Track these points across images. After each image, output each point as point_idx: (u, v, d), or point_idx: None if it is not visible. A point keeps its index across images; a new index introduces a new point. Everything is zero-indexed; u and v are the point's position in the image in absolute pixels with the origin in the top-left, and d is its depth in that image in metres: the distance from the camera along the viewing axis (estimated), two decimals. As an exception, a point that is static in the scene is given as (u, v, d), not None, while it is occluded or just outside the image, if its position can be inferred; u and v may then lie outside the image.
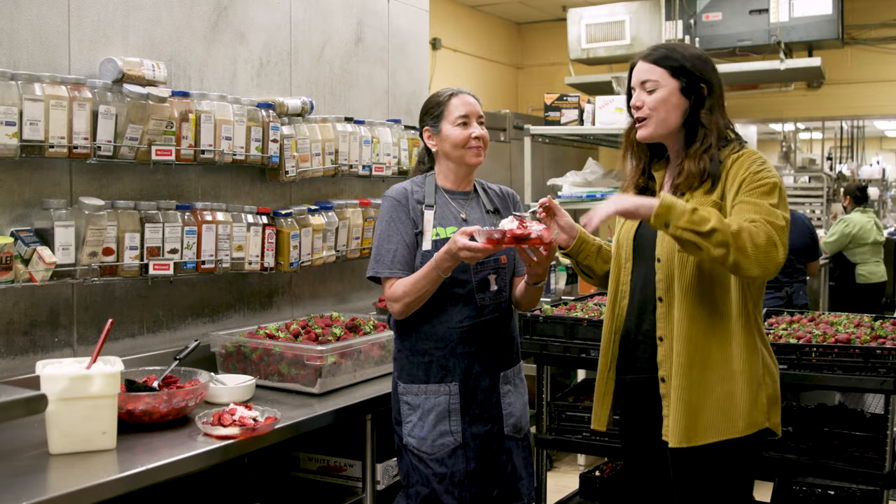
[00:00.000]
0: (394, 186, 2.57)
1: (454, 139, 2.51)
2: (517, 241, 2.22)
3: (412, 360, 2.50)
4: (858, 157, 12.71)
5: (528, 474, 2.61)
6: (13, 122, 2.32)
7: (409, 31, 4.02)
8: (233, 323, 3.12)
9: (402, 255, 2.46)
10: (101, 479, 1.89)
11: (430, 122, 2.56)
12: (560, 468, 5.12)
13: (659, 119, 2.23)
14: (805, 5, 6.76)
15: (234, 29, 3.11)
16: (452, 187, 2.58)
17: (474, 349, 2.48)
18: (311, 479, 2.83)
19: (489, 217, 2.57)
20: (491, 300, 2.51)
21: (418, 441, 2.46)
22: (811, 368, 2.80)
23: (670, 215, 2.00)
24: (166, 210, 2.75)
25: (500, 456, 2.52)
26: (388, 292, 2.46)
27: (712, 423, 2.14)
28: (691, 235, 1.99)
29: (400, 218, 2.49)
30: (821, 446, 2.85)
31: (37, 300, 2.52)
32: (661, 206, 2.00)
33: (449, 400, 2.46)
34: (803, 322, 3.20)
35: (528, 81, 9.41)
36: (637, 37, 7.05)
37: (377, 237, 2.51)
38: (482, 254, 2.27)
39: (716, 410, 2.14)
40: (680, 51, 2.26)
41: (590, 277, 2.53)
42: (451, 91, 2.56)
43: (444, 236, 2.48)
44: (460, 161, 2.54)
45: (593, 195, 4.88)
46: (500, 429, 2.52)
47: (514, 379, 2.59)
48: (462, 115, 2.51)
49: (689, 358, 2.15)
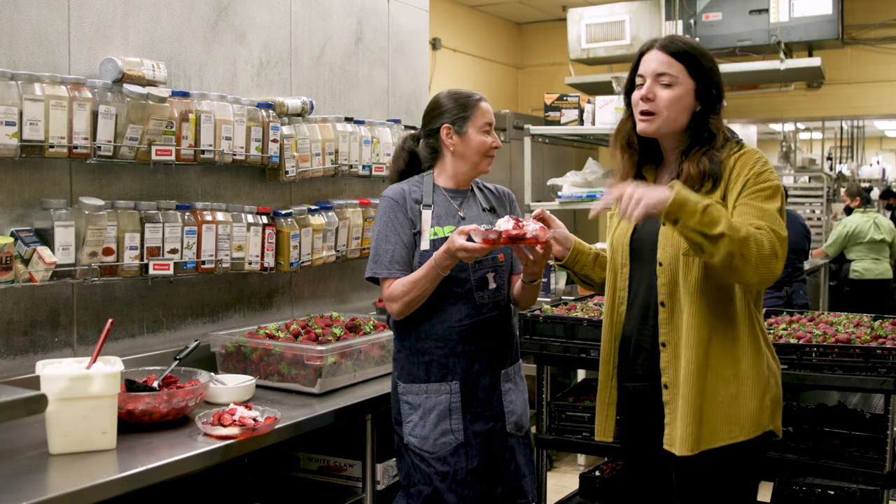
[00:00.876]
0: (391, 186, 2.58)
1: (478, 146, 2.56)
2: (513, 240, 2.23)
3: (412, 359, 2.50)
4: (858, 157, 12.71)
5: (531, 472, 2.62)
6: (13, 122, 2.32)
7: (409, 31, 4.02)
8: (233, 323, 3.12)
9: (401, 255, 2.46)
10: (101, 479, 1.89)
11: (454, 121, 2.55)
12: (560, 468, 5.12)
13: (669, 118, 2.14)
14: (805, 5, 6.76)
15: (234, 29, 3.11)
16: (453, 186, 2.60)
17: (474, 347, 2.49)
18: (311, 479, 2.83)
19: (486, 215, 2.59)
20: (490, 298, 2.52)
21: (420, 440, 2.46)
22: (811, 368, 2.80)
23: (681, 213, 1.94)
24: (166, 210, 2.75)
25: (503, 454, 2.52)
26: (387, 292, 2.46)
27: (719, 427, 2.10)
28: (699, 237, 1.95)
29: (398, 218, 2.49)
30: (821, 446, 2.85)
31: (37, 300, 2.51)
32: (673, 204, 1.93)
33: (450, 399, 2.47)
34: (803, 322, 3.20)
35: (528, 81, 9.41)
36: (637, 37, 7.05)
37: (375, 238, 2.51)
38: (479, 254, 2.28)
39: (722, 415, 2.10)
40: (698, 49, 2.18)
41: (589, 285, 2.49)
42: (478, 96, 2.59)
43: (441, 235, 2.49)
44: (475, 166, 2.59)
45: (593, 195, 4.87)
46: (503, 426, 2.52)
47: (514, 377, 2.60)
48: (488, 122, 2.58)
49: (698, 364, 2.10)
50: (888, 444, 2.75)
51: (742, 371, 2.11)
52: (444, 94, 2.61)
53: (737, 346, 2.12)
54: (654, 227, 2.20)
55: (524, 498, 2.57)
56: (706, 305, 2.11)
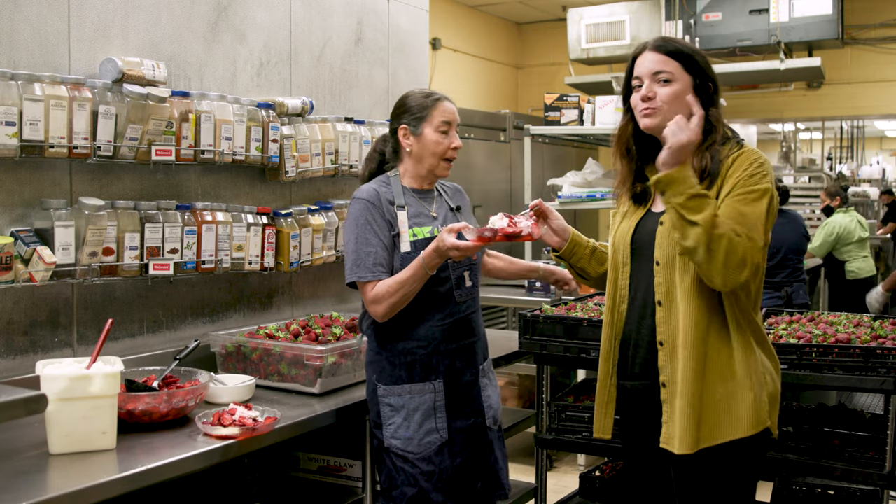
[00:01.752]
0: (362, 188, 2.57)
1: (433, 146, 2.54)
2: (509, 237, 2.29)
3: (393, 361, 2.51)
4: (858, 157, 12.71)
5: (506, 465, 2.69)
6: (13, 122, 2.32)
7: (409, 31, 4.02)
8: (233, 323, 3.12)
9: (383, 258, 2.47)
10: (101, 479, 1.89)
11: (410, 120, 2.56)
12: (560, 468, 5.12)
13: (671, 113, 2.14)
14: (805, 5, 6.76)
15: (234, 29, 3.11)
16: (418, 186, 2.62)
17: (455, 346, 2.54)
18: (311, 479, 2.83)
19: (452, 215, 2.65)
20: (467, 296, 2.58)
21: (404, 442, 2.48)
22: (811, 368, 2.80)
23: (671, 187, 2.00)
24: (166, 210, 2.75)
25: (484, 448, 2.58)
26: (371, 295, 2.46)
27: (717, 425, 2.11)
28: (675, 216, 2.01)
29: (375, 220, 2.49)
30: (821, 446, 2.85)
31: (37, 300, 2.51)
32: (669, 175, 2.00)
33: (434, 398, 2.50)
34: (803, 322, 3.20)
35: (528, 81, 9.41)
36: (637, 37, 7.05)
37: (353, 241, 2.49)
38: (471, 252, 2.33)
39: (719, 412, 2.11)
40: (690, 46, 2.22)
41: (584, 279, 2.52)
42: (438, 95, 2.59)
43: (421, 237, 2.52)
44: (431, 169, 2.58)
45: (593, 195, 4.87)
46: (482, 422, 2.58)
47: (488, 372, 2.68)
48: (446, 121, 2.55)
49: (695, 362, 2.11)
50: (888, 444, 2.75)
51: (737, 368, 2.12)
52: (406, 94, 2.62)
53: (731, 343, 2.13)
54: (654, 226, 2.21)
55: (502, 490, 2.63)
56: (702, 304, 2.12)
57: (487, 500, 2.62)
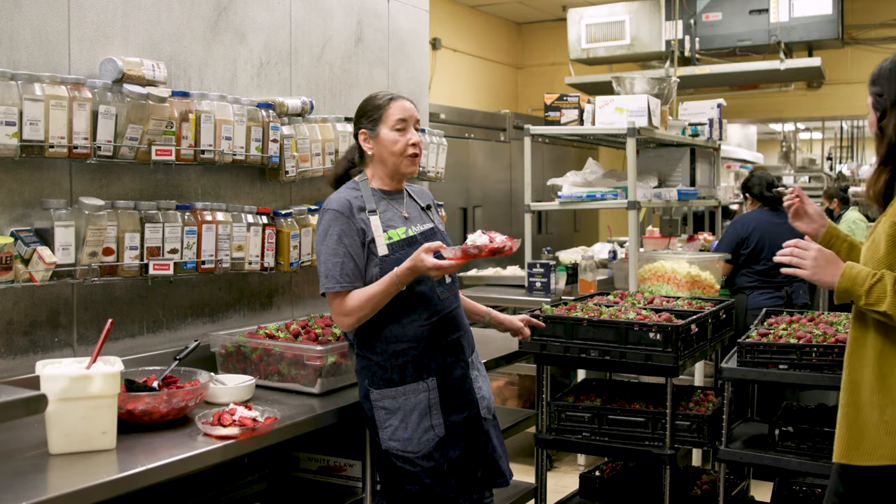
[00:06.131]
0: (331, 198, 2.58)
1: (392, 145, 2.57)
2: (493, 253, 2.37)
3: (385, 365, 2.52)
4: (858, 157, 12.71)
5: (505, 452, 2.71)
6: (13, 122, 2.32)
7: (409, 31, 4.03)
8: (233, 323, 3.12)
9: (350, 269, 2.49)
10: (101, 479, 1.89)
11: (367, 124, 2.60)
12: (560, 468, 5.12)
13: None
14: (805, 5, 6.77)
15: (234, 29, 3.11)
16: (388, 188, 2.64)
17: (443, 342, 2.56)
18: (311, 479, 2.83)
19: (424, 214, 2.68)
20: (448, 291, 2.61)
21: (403, 443, 2.50)
22: (811, 368, 2.80)
23: (848, 297, 2.22)
24: (166, 210, 2.75)
25: (481, 438, 2.60)
26: (339, 307, 2.48)
27: (877, 443, 2.20)
28: (868, 311, 2.19)
29: (344, 231, 2.50)
30: (821, 446, 2.85)
31: (37, 300, 2.51)
32: (840, 290, 2.23)
33: (428, 396, 2.52)
34: (803, 322, 3.20)
35: (528, 81, 9.41)
36: (637, 37, 7.05)
37: (323, 252, 2.51)
38: (452, 270, 2.40)
39: (882, 432, 2.20)
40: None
41: None
42: (391, 95, 2.62)
43: (396, 238, 2.55)
44: (395, 168, 2.60)
45: (593, 195, 4.87)
46: (477, 413, 2.60)
47: (477, 364, 2.71)
48: (401, 118, 2.57)
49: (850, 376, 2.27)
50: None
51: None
52: (364, 99, 2.66)
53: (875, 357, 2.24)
54: None
55: (503, 477, 2.65)
56: (867, 321, 2.24)
57: (489, 488, 2.66)
